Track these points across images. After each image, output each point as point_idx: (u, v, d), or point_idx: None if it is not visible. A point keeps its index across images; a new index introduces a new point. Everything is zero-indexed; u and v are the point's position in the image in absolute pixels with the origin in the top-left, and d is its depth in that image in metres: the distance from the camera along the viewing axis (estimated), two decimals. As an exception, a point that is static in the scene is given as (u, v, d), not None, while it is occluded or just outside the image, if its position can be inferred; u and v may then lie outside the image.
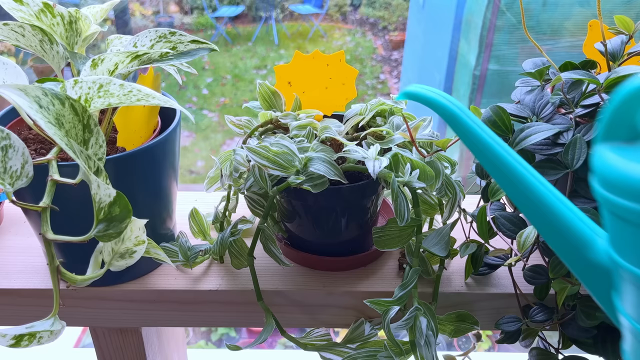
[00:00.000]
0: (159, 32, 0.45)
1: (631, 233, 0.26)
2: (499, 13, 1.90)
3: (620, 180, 0.25)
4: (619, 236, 0.27)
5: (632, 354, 0.29)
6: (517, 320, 0.46)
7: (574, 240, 0.30)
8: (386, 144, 0.47)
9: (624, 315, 0.28)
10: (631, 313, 0.28)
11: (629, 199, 0.25)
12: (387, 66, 4.53)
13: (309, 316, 0.51)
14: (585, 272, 0.30)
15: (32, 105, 0.32)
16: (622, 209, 0.25)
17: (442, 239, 0.46)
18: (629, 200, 0.25)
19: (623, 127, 0.26)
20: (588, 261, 0.29)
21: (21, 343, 0.33)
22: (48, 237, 0.34)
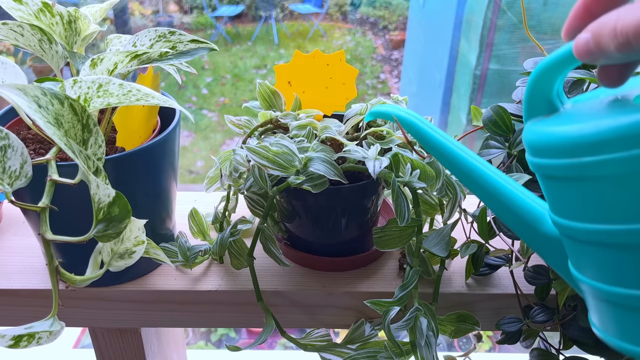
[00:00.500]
0: (159, 32, 0.45)
1: (560, 188, 0.29)
2: (499, 12, 1.90)
3: (542, 143, 0.29)
4: (553, 197, 0.30)
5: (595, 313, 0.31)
6: (517, 321, 0.45)
7: (526, 217, 0.33)
8: (386, 144, 0.46)
9: (576, 275, 0.31)
10: (580, 270, 0.30)
11: (551, 156, 0.28)
12: (388, 66, 4.53)
13: (309, 317, 0.51)
14: (541, 246, 0.34)
15: (31, 104, 0.32)
16: (549, 167, 0.29)
17: (443, 239, 0.46)
18: (552, 158, 0.28)
19: (540, 103, 0.30)
20: (541, 235, 0.33)
21: (20, 343, 0.33)
22: (47, 237, 0.34)
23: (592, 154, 0.26)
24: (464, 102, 2.21)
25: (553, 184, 0.30)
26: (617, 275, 0.28)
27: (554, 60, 0.28)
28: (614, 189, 0.26)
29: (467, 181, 0.36)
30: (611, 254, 0.28)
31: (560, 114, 0.30)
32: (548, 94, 0.30)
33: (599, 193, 0.27)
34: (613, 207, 0.27)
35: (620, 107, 0.26)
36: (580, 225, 0.28)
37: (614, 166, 0.25)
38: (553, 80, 0.29)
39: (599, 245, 0.28)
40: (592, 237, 0.28)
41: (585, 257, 0.30)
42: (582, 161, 0.26)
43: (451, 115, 2.47)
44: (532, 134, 0.30)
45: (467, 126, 2.21)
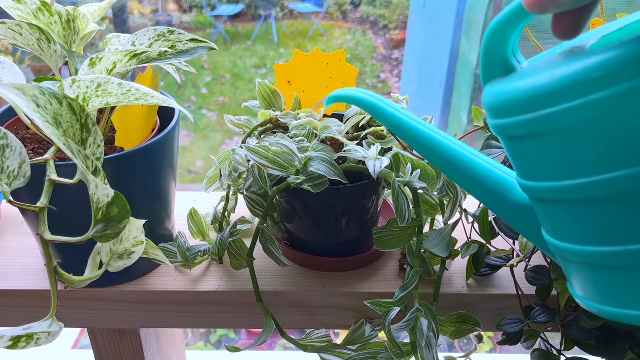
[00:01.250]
0: (158, 31, 0.45)
1: (523, 148, 0.28)
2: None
3: (500, 102, 0.28)
4: (517, 159, 0.30)
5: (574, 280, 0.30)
6: (519, 322, 0.45)
7: (495, 187, 0.33)
8: (387, 144, 0.46)
9: (550, 240, 0.30)
10: (553, 234, 0.30)
11: (510, 114, 0.28)
12: (388, 65, 4.53)
13: (309, 317, 0.50)
14: (512, 215, 0.33)
15: (30, 104, 0.32)
16: (509, 127, 0.28)
17: (444, 240, 0.46)
18: (511, 116, 0.27)
19: (497, 64, 0.29)
20: (512, 204, 0.33)
21: (19, 344, 0.33)
22: (46, 237, 0.34)
23: (549, 105, 0.25)
24: (465, 102, 2.21)
25: (516, 145, 0.29)
26: (589, 233, 0.27)
27: (505, 17, 0.28)
28: (575, 140, 0.25)
29: (432, 157, 0.35)
30: (580, 211, 0.27)
31: (517, 73, 0.29)
32: (503, 53, 0.29)
33: (561, 147, 0.26)
34: (575, 160, 0.26)
35: (575, 56, 0.25)
36: (547, 185, 0.28)
37: (572, 115, 0.25)
38: (507, 39, 0.29)
39: (567, 203, 0.27)
40: (559, 196, 0.27)
41: (556, 220, 0.29)
42: (540, 114, 0.26)
43: (452, 115, 2.47)
44: (490, 95, 0.29)
45: (468, 126, 2.21)
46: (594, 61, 0.24)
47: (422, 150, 0.35)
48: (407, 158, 0.43)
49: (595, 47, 0.25)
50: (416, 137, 0.35)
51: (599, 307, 0.29)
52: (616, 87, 0.23)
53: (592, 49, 0.25)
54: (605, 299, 0.28)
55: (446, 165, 0.35)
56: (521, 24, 0.28)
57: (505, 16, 0.28)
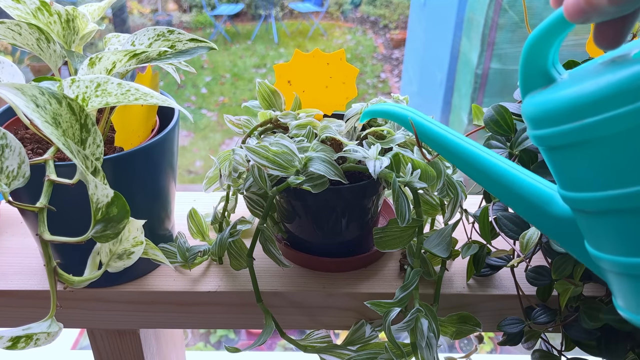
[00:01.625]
0: (157, 31, 0.45)
1: (565, 158, 0.28)
2: (501, 11, 1.90)
3: (541, 113, 0.28)
4: (559, 170, 0.29)
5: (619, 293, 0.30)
6: (519, 322, 0.45)
7: (535, 200, 0.33)
8: (387, 144, 0.46)
9: (594, 253, 0.30)
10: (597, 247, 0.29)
11: (552, 124, 0.27)
12: (388, 65, 4.53)
13: (308, 318, 0.50)
14: (554, 229, 0.33)
15: (29, 104, 0.32)
16: (551, 137, 0.28)
17: (444, 240, 0.46)
18: (553, 126, 0.27)
19: (536, 75, 0.29)
20: (553, 217, 0.32)
21: (18, 345, 0.33)
22: (45, 237, 0.34)
23: (594, 113, 0.25)
24: (465, 102, 2.21)
25: (558, 155, 0.29)
26: (636, 245, 0.27)
27: (546, 27, 0.28)
28: (621, 148, 0.25)
29: (472, 171, 0.35)
30: (627, 221, 0.27)
31: (557, 83, 0.29)
32: (543, 64, 0.29)
33: (606, 156, 0.26)
34: (621, 168, 0.26)
35: (619, 65, 0.25)
36: (591, 195, 0.27)
37: (617, 123, 0.25)
38: (547, 50, 0.28)
39: (613, 214, 0.27)
40: (604, 206, 0.27)
41: (601, 231, 0.29)
42: (585, 123, 0.26)
43: (452, 114, 2.47)
44: (531, 106, 0.29)
45: (469, 126, 2.21)
46: (638, 69, 0.24)
47: (459, 163, 0.35)
48: (408, 158, 0.43)
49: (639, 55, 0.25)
50: (454, 151, 0.35)
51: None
52: None
53: (637, 57, 0.25)
54: None
55: (484, 179, 0.34)
56: (562, 35, 0.28)
57: (546, 26, 0.28)
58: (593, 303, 0.41)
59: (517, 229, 0.44)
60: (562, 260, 0.41)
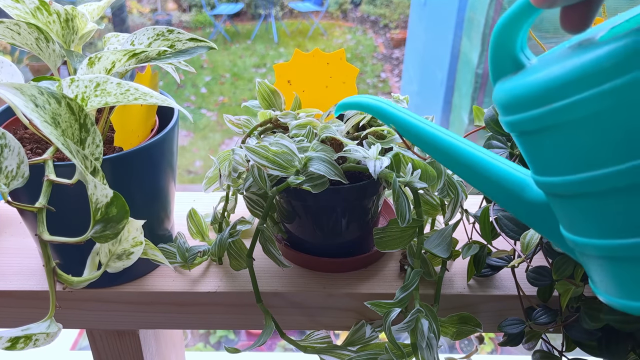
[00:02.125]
0: (157, 30, 0.45)
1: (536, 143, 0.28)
2: (501, 10, 1.90)
3: (511, 98, 0.28)
4: (531, 155, 0.29)
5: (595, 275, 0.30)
6: (520, 323, 0.45)
7: (509, 186, 0.33)
8: (387, 144, 0.46)
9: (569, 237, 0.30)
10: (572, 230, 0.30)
11: (522, 109, 0.27)
12: (388, 65, 4.53)
13: (309, 318, 0.50)
14: (529, 214, 0.33)
15: (28, 104, 0.32)
16: (521, 122, 0.28)
17: (444, 240, 0.46)
18: (523, 111, 0.27)
19: (506, 61, 0.29)
20: (527, 202, 0.32)
21: (17, 346, 0.33)
22: (44, 238, 0.33)
23: (562, 97, 0.25)
24: (466, 101, 2.21)
25: (529, 140, 0.29)
26: (610, 226, 0.27)
27: (512, 13, 0.28)
28: (588, 131, 0.25)
29: (445, 159, 0.35)
30: (599, 203, 0.27)
31: (527, 69, 0.29)
32: (512, 50, 0.29)
33: (575, 139, 0.26)
34: (592, 151, 0.26)
35: (585, 48, 0.25)
36: (563, 179, 0.28)
37: (586, 106, 0.25)
38: (515, 36, 0.29)
39: (586, 197, 0.27)
40: (576, 189, 0.27)
41: (574, 214, 0.29)
42: (553, 107, 0.26)
43: (453, 114, 2.47)
44: (501, 92, 0.29)
45: (469, 126, 2.21)
46: (605, 51, 0.24)
47: (435, 153, 0.36)
48: (408, 158, 0.43)
49: (605, 38, 0.25)
50: (428, 140, 0.35)
51: (623, 302, 0.29)
52: (629, 74, 0.23)
53: (602, 40, 0.25)
54: (629, 293, 0.28)
55: (460, 167, 0.35)
56: (529, 20, 0.28)
57: (513, 12, 0.28)
58: (594, 303, 0.41)
59: (518, 229, 0.43)
60: (562, 260, 0.41)
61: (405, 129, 0.37)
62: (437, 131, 0.35)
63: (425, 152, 0.38)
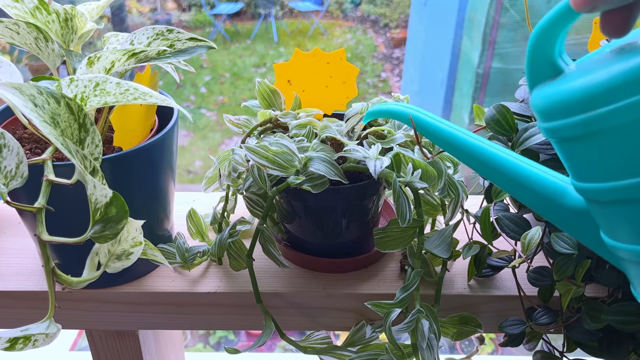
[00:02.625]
0: (156, 30, 0.45)
1: (578, 150, 0.28)
2: (502, 10, 1.89)
3: (552, 104, 0.28)
4: (572, 161, 0.29)
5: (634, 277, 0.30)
6: (520, 323, 0.45)
7: (548, 193, 0.32)
8: (387, 144, 0.46)
9: (611, 243, 0.30)
10: (614, 236, 0.29)
11: (564, 115, 0.27)
12: (389, 64, 4.53)
13: (309, 319, 0.50)
14: (569, 221, 0.32)
15: (27, 104, 0.32)
16: (563, 128, 0.27)
17: (445, 240, 0.46)
18: (565, 117, 0.27)
19: (544, 66, 0.29)
20: (567, 209, 0.32)
21: (16, 346, 0.33)
22: (43, 238, 0.33)
23: (606, 103, 0.25)
24: (466, 101, 2.21)
25: (570, 147, 0.28)
26: None
27: (552, 17, 0.27)
28: (635, 136, 0.25)
29: (479, 165, 0.34)
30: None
31: (566, 74, 0.28)
32: (550, 55, 0.28)
33: (620, 145, 0.26)
34: (636, 157, 0.26)
35: (628, 53, 0.25)
36: (606, 185, 0.27)
37: (631, 112, 0.24)
38: (554, 40, 0.28)
39: (629, 203, 0.27)
40: (620, 195, 0.27)
41: (617, 220, 0.28)
42: (597, 113, 0.25)
43: (453, 114, 2.47)
44: (540, 98, 0.29)
45: (470, 125, 2.21)
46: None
47: (465, 158, 0.35)
48: (408, 158, 0.43)
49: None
50: (461, 147, 0.35)
51: None
52: None
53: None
54: None
55: (495, 174, 0.34)
56: (568, 24, 0.27)
57: (552, 17, 0.27)
58: (595, 304, 0.41)
59: (519, 229, 0.43)
60: (563, 260, 0.41)
61: (435, 135, 0.36)
62: (469, 137, 0.35)
63: (457, 159, 0.37)
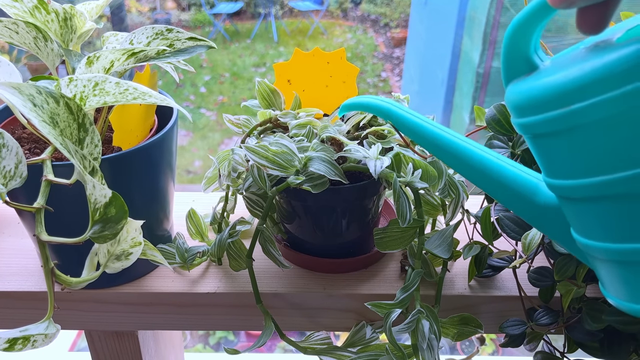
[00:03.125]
0: (156, 29, 0.44)
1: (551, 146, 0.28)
2: (502, 10, 1.89)
3: (527, 100, 0.28)
4: (545, 157, 0.29)
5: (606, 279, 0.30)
6: (521, 324, 0.45)
7: (520, 189, 0.32)
8: (388, 143, 0.46)
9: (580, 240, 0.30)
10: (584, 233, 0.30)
11: (538, 111, 0.27)
12: (389, 64, 4.53)
13: (308, 319, 0.50)
14: (539, 218, 0.33)
15: (26, 103, 0.32)
16: (537, 124, 0.27)
17: (445, 241, 0.45)
18: (539, 113, 0.27)
19: (519, 62, 0.29)
20: (538, 206, 0.32)
21: (15, 347, 0.33)
22: (42, 238, 0.33)
23: (580, 99, 0.25)
24: (467, 101, 2.21)
25: (543, 143, 0.29)
26: (622, 230, 0.27)
27: (528, 13, 0.27)
28: (607, 134, 0.25)
29: (454, 161, 0.35)
30: (615, 207, 0.27)
31: (541, 70, 0.28)
32: (525, 51, 0.29)
33: (592, 142, 0.26)
34: (608, 155, 0.26)
35: (602, 50, 0.25)
36: (578, 182, 0.27)
37: (604, 108, 0.24)
38: (529, 36, 0.28)
39: (600, 200, 0.27)
40: (591, 193, 0.27)
41: (588, 218, 0.29)
42: (571, 109, 0.25)
43: (454, 114, 2.47)
44: (514, 93, 0.29)
45: (470, 125, 2.21)
46: (624, 53, 0.24)
47: (440, 154, 0.35)
48: (409, 158, 0.42)
49: (622, 40, 0.25)
50: (434, 141, 0.35)
51: (632, 306, 0.29)
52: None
53: (620, 42, 0.25)
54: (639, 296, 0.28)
55: (470, 170, 0.34)
56: (544, 20, 0.27)
57: (528, 12, 0.27)
58: (596, 304, 0.41)
59: (519, 229, 0.43)
60: (564, 261, 0.41)
61: (410, 130, 0.36)
62: (443, 132, 0.35)
63: (431, 154, 0.37)
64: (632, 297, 0.28)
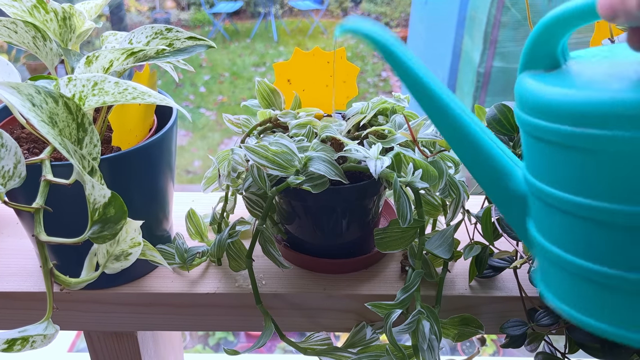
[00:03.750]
0: (155, 29, 0.44)
1: (548, 152, 0.27)
2: (503, 9, 1.89)
3: (542, 103, 0.27)
4: (536, 158, 0.29)
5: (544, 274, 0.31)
6: (522, 324, 0.45)
7: (497, 169, 0.32)
8: (388, 143, 0.46)
9: (535, 236, 0.31)
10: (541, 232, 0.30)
11: (551, 119, 0.26)
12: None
13: (308, 320, 0.50)
14: (505, 201, 0.32)
15: (25, 103, 0.31)
16: (544, 130, 0.27)
17: (446, 241, 0.45)
18: (551, 121, 0.26)
19: (543, 56, 0.28)
20: (508, 191, 0.32)
21: (14, 347, 0.33)
22: (41, 238, 0.33)
23: (602, 127, 0.24)
24: (468, 101, 2.21)
25: (541, 146, 0.28)
26: (585, 248, 0.27)
27: (571, 10, 0.26)
28: (613, 165, 0.24)
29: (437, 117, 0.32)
30: (585, 227, 0.27)
31: (562, 71, 0.27)
32: (553, 47, 0.27)
33: (594, 167, 0.25)
34: (604, 183, 0.25)
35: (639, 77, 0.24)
36: (560, 194, 0.27)
37: (623, 144, 0.23)
38: (562, 34, 0.27)
39: (574, 217, 0.27)
40: (570, 208, 0.27)
41: (552, 223, 0.29)
42: (587, 132, 0.24)
43: (453, 113, 2.46)
44: (530, 89, 0.28)
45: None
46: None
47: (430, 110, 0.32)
48: (409, 158, 0.42)
49: None
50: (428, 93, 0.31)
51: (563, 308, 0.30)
52: None
53: None
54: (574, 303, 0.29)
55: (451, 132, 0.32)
56: (583, 23, 0.26)
57: (573, 10, 0.26)
58: (597, 305, 0.41)
59: (520, 230, 0.43)
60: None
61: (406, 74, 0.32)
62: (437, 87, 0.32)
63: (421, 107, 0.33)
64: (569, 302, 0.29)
